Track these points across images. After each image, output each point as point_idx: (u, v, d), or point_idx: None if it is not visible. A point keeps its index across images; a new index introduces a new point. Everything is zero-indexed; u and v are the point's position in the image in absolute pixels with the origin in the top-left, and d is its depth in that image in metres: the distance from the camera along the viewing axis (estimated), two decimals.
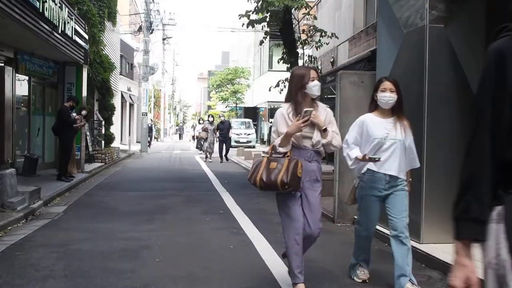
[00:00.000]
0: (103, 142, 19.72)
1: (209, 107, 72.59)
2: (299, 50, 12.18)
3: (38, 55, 13.41)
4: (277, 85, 12.44)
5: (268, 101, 36.69)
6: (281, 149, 4.35)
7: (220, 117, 22.06)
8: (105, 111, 20.67)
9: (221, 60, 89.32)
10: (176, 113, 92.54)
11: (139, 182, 13.90)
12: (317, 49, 11.74)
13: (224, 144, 21.50)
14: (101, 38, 18.93)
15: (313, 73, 4.45)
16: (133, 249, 6.24)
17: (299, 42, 11.47)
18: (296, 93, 4.41)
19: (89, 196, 11.08)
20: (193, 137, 46.54)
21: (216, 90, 42.14)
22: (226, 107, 42.73)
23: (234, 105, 40.82)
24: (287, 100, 4.55)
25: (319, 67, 11.74)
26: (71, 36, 13.04)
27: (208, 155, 21.85)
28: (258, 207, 9.79)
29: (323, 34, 11.17)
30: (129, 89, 36.52)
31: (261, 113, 42.39)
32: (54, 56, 13.88)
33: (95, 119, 19.06)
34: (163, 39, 33.21)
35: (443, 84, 5.89)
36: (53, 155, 15.09)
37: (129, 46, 38.30)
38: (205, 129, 21.94)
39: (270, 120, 37.46)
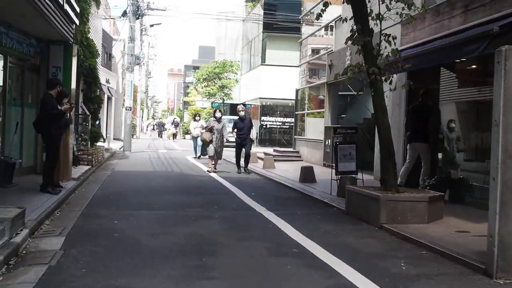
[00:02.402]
0: (88, 140, 16.57)
1: (186, 104, 69.28)
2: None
3: (17, 28, 10.33)
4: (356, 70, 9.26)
5: (261, 98, 33.85)
6: None
7: (240, 111, 16.27)
8: (90, 103, 17.54)
9: (198, 55, 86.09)
10: (148, 109, 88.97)
11: (145, 194, 10.93)
12: (409, 24, 8.94)
13: (242, 150, 16.05)
14: (89, 16, 15.85)
15: None
16: None
17: (370, 17, 8.63)
18: None
19: (90, 217, 8.08)
20: (173, 135, 43.30)
21: (203, 85, 38.99)
22: (212, 103, 39.65)
23: (221, 101, 37.77)
24: None
25: (397, 50, 8.82)
26: (62, 3, 10.02)
27: (214, 163, 16.11)
28: (338, 241, 6.96)
29: (408, 5, 8.37)
30: (107, 81, 33.20)
31: (248, 110, 39.45)
32: (38, 31, 10.81)
33: (79, 112, 15.93)
34: (151, 25, 29.99)
35: None
36: (33, 158, 11.97)
37: (107, 34, 35.04)
38: (210, 129, 15.99)
39: (262, 118, 34.57)
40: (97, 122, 19.56)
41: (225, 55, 42.53)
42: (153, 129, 62.59)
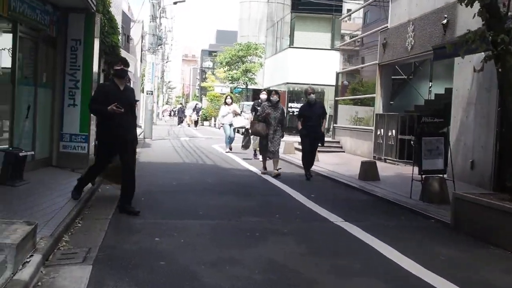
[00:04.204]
0: None
1: (203, 89, 67.25)
2: None
3: None
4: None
5: (288, 83, 31.69)
6: None
7: (309, 94, 11.62)
8: None
9: (215, 39, 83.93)
10: (163, 95, 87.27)
11: (182, 194, 8.96)
12: None
13: (313, 144, 11.66)
14: None
15: None
16: None
17: None
18: None
19: (121, 231, 6.12)
20: (195, 122, 41.27)
21: (225, 69, 36.88)
22: (234, 88, 37.55)
23: (244, 86, 35.66)
24: None
25: None
26: None
27: (270, 163, 11.85)
28: (481, 278, 4.91)
29: None
30: None
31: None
32: None
33: None
34: (174, 3, 27.79)
35: None
36: (48, 148, 10.01)
37: (126, 15, 33.06)
38: (264, 117, 11.39)
39: (290, 104, 32.41)
40: None
41: (248, 37, 40.29)
42: (170, 115, 60.54)
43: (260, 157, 14.43)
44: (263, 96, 13.47)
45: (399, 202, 8.62)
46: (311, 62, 29.17)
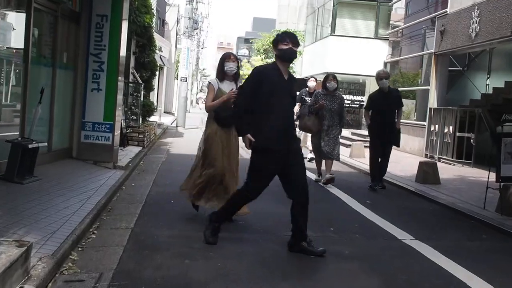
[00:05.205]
0: (140, 115, 13.47)
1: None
2: None
3: None
4: None
5: (328, 72, 30.17)
6: None
7: (382, 78, 8.99)
8: (143, 69, 14.44)
9: (252, 27, 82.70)
10: (197, 82, 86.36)
11: None
12: None
13: (386, 146, 9.40)
14: None
15: None
16: None
17: None
18: None
19: (143, 248, 4.93)
20: None
21: (262, 56, 35.58)
22: None
23: None
24: None
25: None
26: None
27: (319, 167, 9.76)
28: None
29: None
30: (160, 49, 30.15)
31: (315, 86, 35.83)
32: None
33: (130, 80, 12.83)
34: None
35: None
36: (68, 137, 8.89)
37: None
38: (317, 108, 8.94)
39: None
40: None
41: (287, 24, 38.78)
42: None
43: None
44: (311, 83, 11.94)
45: (473, 215, 7.25)
46: (353, 51, 27.79)
